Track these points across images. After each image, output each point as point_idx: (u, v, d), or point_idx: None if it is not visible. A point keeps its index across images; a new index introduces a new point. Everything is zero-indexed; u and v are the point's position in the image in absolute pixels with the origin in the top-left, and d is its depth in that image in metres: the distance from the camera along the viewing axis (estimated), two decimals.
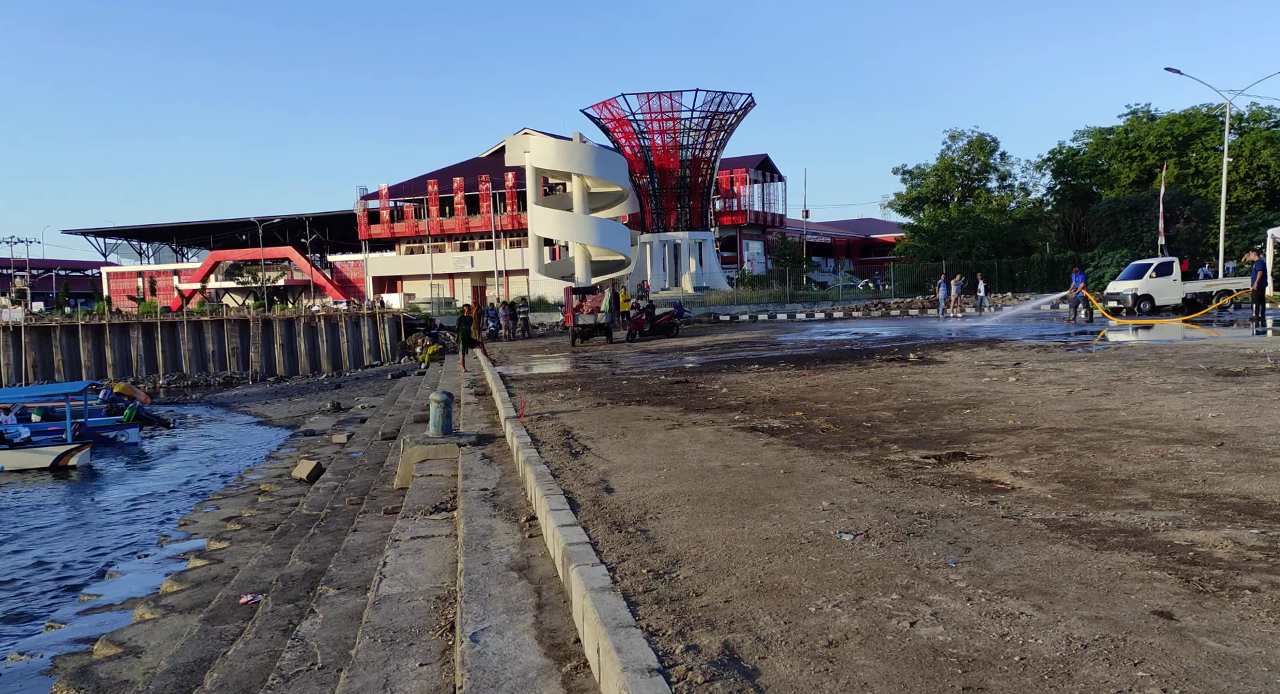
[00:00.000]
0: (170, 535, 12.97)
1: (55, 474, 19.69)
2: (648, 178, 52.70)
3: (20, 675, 6.76)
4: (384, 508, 9.23)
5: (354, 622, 5.68)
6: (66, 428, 21.49)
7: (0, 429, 21.32)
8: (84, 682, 6.01)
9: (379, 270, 66.75)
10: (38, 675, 6.76)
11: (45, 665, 6.94)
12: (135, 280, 72.35)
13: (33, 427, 22.48)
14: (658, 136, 51.50)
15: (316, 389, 36.41)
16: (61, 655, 7.08)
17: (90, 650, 7.06)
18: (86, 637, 7.63)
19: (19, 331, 41.70)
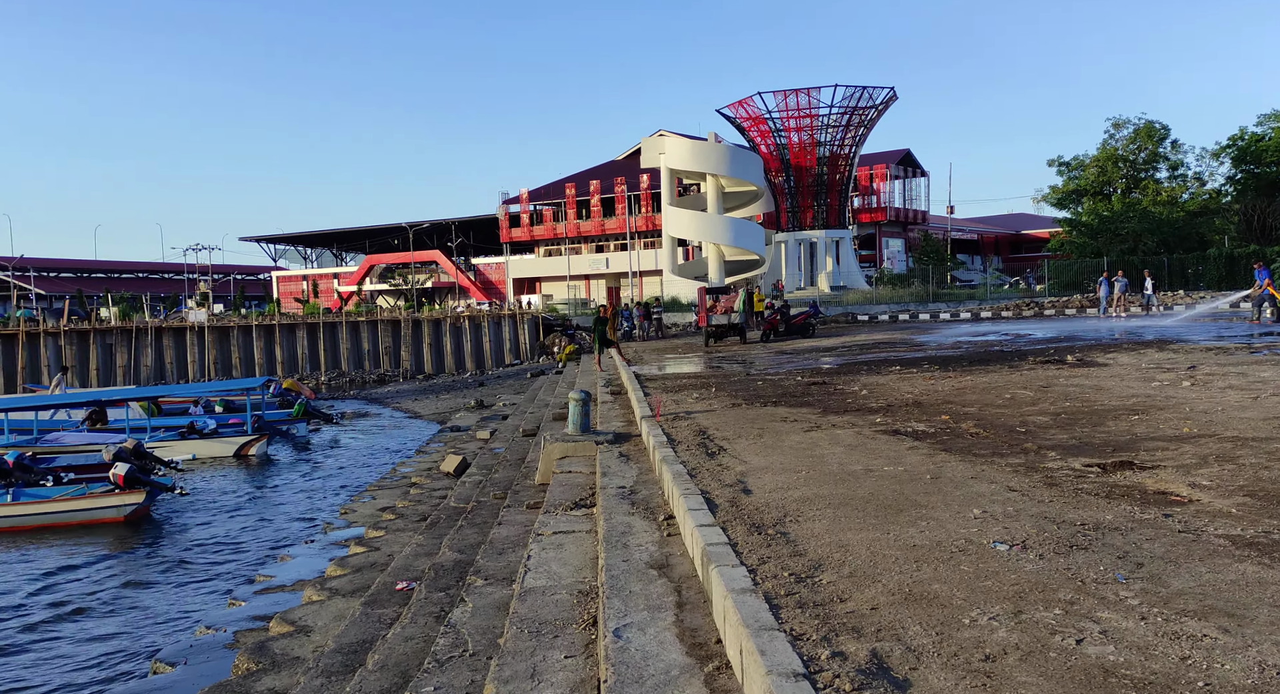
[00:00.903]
0: (333, 523, 13.86)
1: (237, 462, 21.44)
2: (783, 176, 52.02)
3: (208, 648, 7.41)
4: (526, 503, 9.52)
5: (501, 612, 5.89)
6: (247, 420, 23.35)
7: (192, 420, 23.43)
8: (261, 656, 6.50)
9: (519, 272, 68.99)
10: (222, 648, 7.38)
11: (228, 640, 7.57)
12: (300, 283, 77.81)
13: (218, 418, 24.54)
14: (794, 134, 50.75)
15: (461, 387, 38.00)
16: (242, 631, 7.71)
17: (266, 627, 7.63)
18: (262, 615, 8.26)
19: (203, 332, 45.66)
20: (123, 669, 8.39)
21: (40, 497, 14.91)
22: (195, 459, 20.76)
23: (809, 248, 52.82)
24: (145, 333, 45.06)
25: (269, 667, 6.36)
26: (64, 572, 11.99)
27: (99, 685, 8.09)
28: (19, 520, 14.30)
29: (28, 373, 42.63)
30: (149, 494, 15.07)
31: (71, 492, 15.17)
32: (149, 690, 6.61)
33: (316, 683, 5.54)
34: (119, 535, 13.96)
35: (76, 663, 8.65)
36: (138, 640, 9.23)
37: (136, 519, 14.75)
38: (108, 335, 44.73)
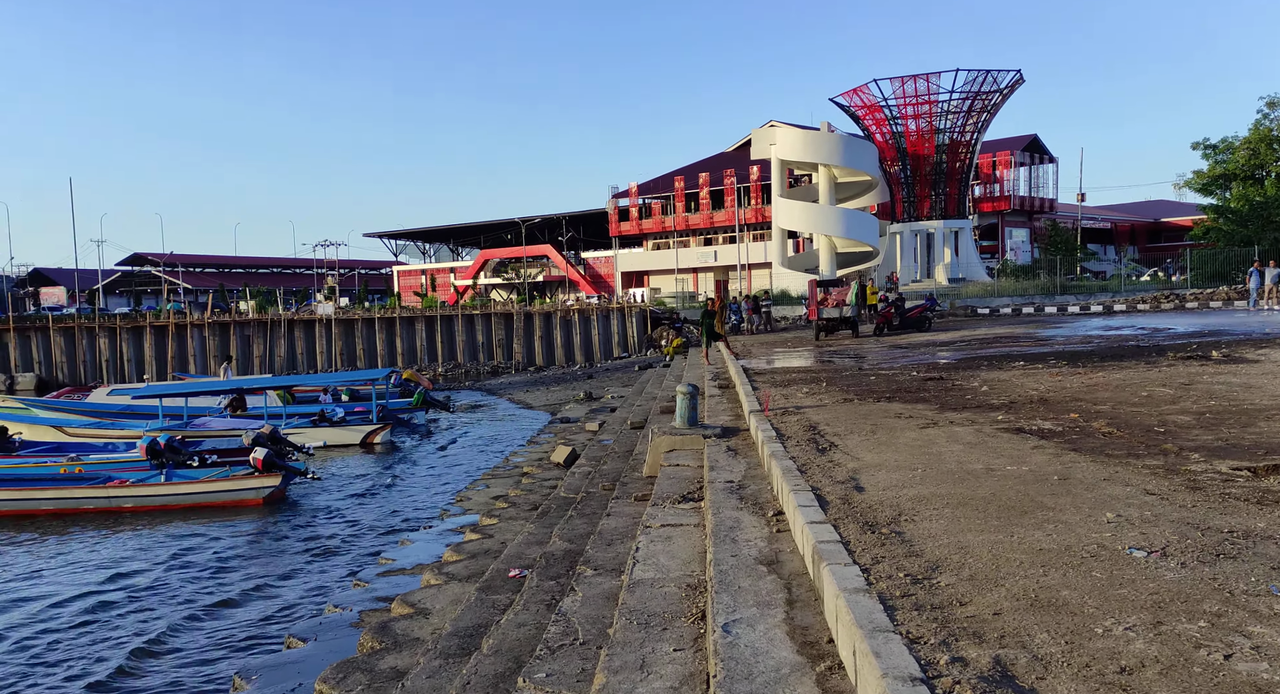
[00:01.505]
0: (449, 510, 14.35)
1: (363, 450, 22.50)
2: (899, 165, 50.51)
3: (335, 626, 7.82)
4: (634, 495, 9.58)
5: (610, 602, 5.94)
6: (372, 409, 24.46)
7: (323, 408, 24.73)
8: (384, 636, 6.79)
9: (627, 266, 69.58)
10: (348, 627, 7.77)
11: (354, 618, 7.96)
12: (419, 277, 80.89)
13: (345, 407, 25.80)
14: (912, 121, 49.18)
15: (570, 379, 38.66)
16: (366, 611, 8.09)
17: (388, 608, 7.97)
18: (385, 596, 8.65)
19: (330, 324, 48.10)
20: (260, 641, 8.93)
21: (189, 477, 16.03)
22: (325, 446, 21.88)
23: (925, 239, 51.12)
24: (279, 325, 47.80)
25: (391, 646, 6.63)
26: (209, 548, 12.86)
27: (240, 655, 8.65)
28: (170, 499, 15.42)
29: (177, 361, 45.94)
30: (284, 477, 15.98)
31: (216, 473, 16.25)
32: (283, 663, 7.03)
33: (435, 664, 5.74)
34: (257, 516, 14.87)
35: (219, 634, 9.27)
36: (273, 615, 9.81)
37: (273, 501, 15.67)
38: (245, 327, 47.69)
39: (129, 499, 15.32)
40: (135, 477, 16.03)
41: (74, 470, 16.46)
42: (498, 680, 5.08)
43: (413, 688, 5.40)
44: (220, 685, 7.96)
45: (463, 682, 5.05)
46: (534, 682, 4.51)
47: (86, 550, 12.85)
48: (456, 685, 5.03)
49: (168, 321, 47.07)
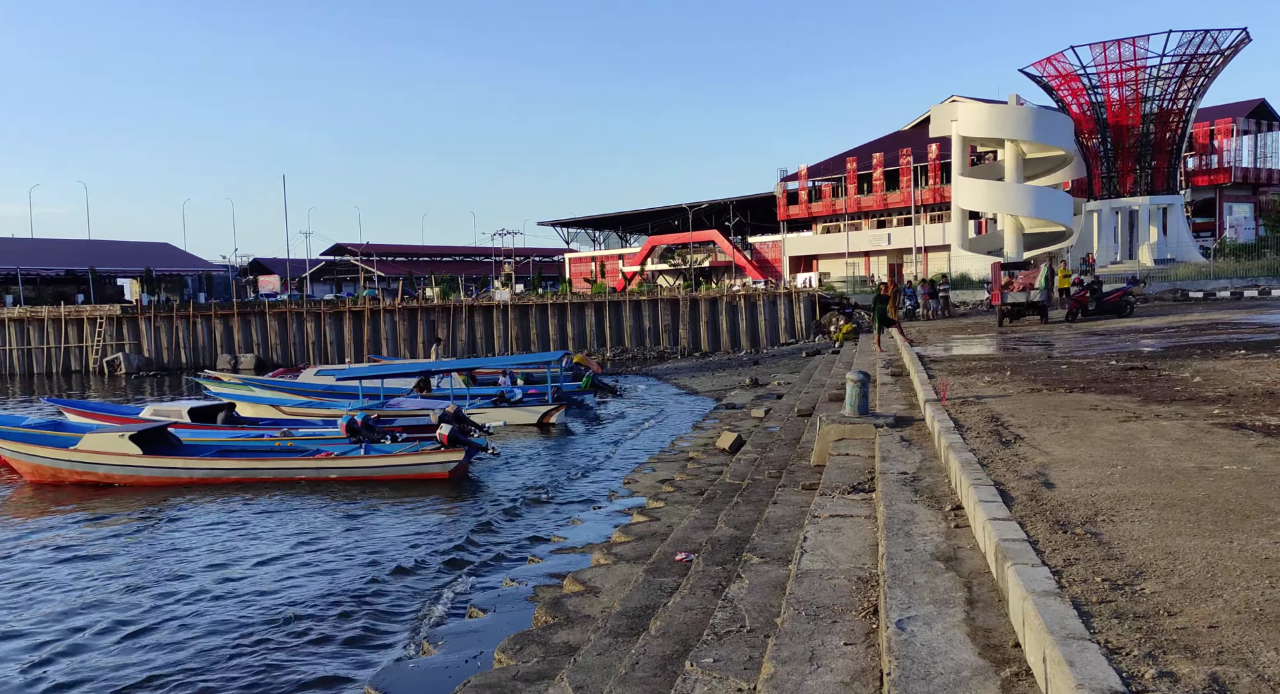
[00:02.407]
0: (617, 491, 14.70)
1: (539, 429, 23.47)
2: (1098, 137, 46.55)
3: (512, 598, 8.22)
4: (801, 483, 9.41)
5: (776, 591, 5.87)
6: (547, 391, 25.48)
7: (502, 390, 26.03)
8: (557, 611, 7.06)
9: (795, 250, 68.35)
10: (523, 600, 8.13)
11: (529, 593, 8.32)
12: (589, 264, 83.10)
13: (522, 388, 27.02)
14: (1114, 90, 45.12)
15: (736, 365, 38.52)
16: (540, 586, 8.43)
17: (560, 586, 8.28)
18: (557, 573, 8.98)
19: (506, 310, 50.40)
20: (444, 609, 9.54)
21: (384, 452, 17.32)
22: (505, 425, 22.97)
23: (1128, 216, 46.94)
24: (460, 310, 50.56)
25: (563, 622, 6.87)
26: (401, 518, 13.84)
27: (427, 621, 9.26)
28: (369, 471, 16.73)
29: (371, 344, 49.64)
30: (467, 453, 16.95)
31: (408, 449, 17.45)
32: (466, 631, 7.45)
33: (605, 642, 5.89)
34: (443, 489, 15.84)
35: (406, 598, 9.95)
36: (456, 584, 10.44)
37: (457, 475, 16.65)
38: (431, 312, 50.77)
39: (334, 470, 16.74)
40: (339, 450, 17.49)
41: (287, 443, 18.18)
42: (665, 663, 5.14)
43: (584, 663, 5.57)
44: (406, 649, 8.55)
45: (631, 661, 5.15)
46: (701, 666, 4.53)
47: (297, 514, 14.17)
48: (626, 664, 5.14)
49: (364, 307, 50.91)
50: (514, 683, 5.66)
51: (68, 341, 49.22)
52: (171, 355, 49.60)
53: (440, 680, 6.39)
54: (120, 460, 16.69)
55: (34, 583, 10.96)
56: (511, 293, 55.54)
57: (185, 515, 14.60)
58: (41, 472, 17.15)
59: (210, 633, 8.97)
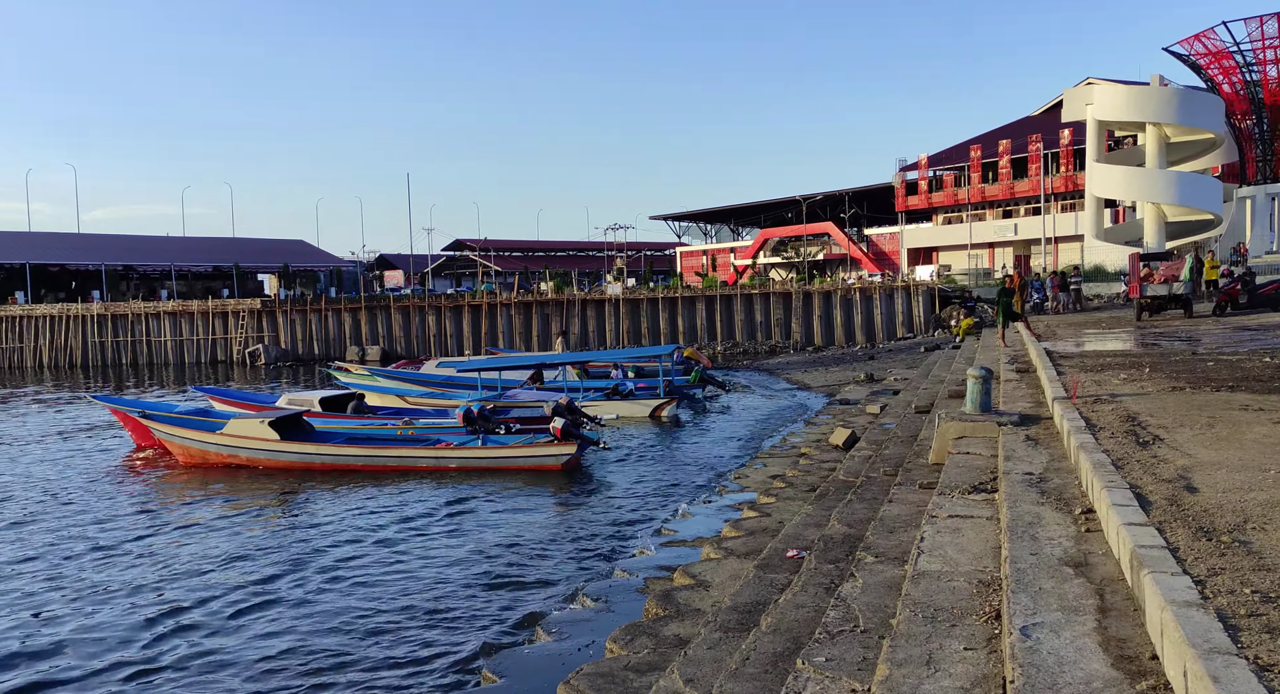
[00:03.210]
0: (727, 486, 14.66)
1: (651, 422, 23.66)
2: (1253, 119, 43.10)
3: (623, 589, 8.34)
4: (919, 482, 9.14)
5: (891, 591, 5.73)
6: (659, 384, 25.65)
7: (615, 383, 26.37)
8: (667, 603, 7.11)
9: (914, 242, 66.24)
10: (634, 592, 8.24)
11: (639, 584, 8.42)
12: (700, 258, 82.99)
13: (634, 382, 27.29)
14: (1272, 67, 41.67)
15: (850, 360, 37.69)
16: (651, 578, 8.51)
17: (670, 578, 8.34)
18: (667, 565, 9.04)
19: (618, 303, 50.96)
20: (557, 597, 9.77)
21: (501, 443, 17.83)
22: (618, 418, 23.28)
23: None
24: (573, 304, 51.44)
25: (674, 615, 6.92)
26: (516, 507, 14.23)
27: (539, 605, 9.51)
28: (486, 462, 17.26)
29: (488, 337, 51.17)
30: (580, 446, 17.23)
31: (523, 440, 17.91)
32: (578, 619, 7.61)
33: (715, 636, 5.90)
34: (556, 481, 16.19)
35: (522, 585, 10.23)
36: (567, 573, 10.66)
37: (570, 467, 16.97)
38: (545, 306, 51.88)
39: (453, 460, 17.36)
40: (458, 440, 18.11)
41: (408, 433, 18.97)
42: (776, 659, 5.10)
43: (694, 656, 5.60)
44: (521, 634, 8.79)
45: (742, 656, 5.14)
46: (813, 665, 4.47)
47: (416, 501, 14.78)
48: (736, 659, 5.13)
49: (482, 301, 52.52)
50: (625, 673, 5.74)
51: (214, 333, 52.86)
52: (305, 347, 52.54)
53: (554, 667, 6.55)
54: (260, 445, 17.82)
55: (187, 554, 11.86)
56: (623, 287, 56.13)
57: (316, 498, 15.47)
58: (192, 454, 18.51)
59: (335, 612, 9.46)
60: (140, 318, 52.82)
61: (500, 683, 6.45)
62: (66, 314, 52.76)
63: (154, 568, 11.35)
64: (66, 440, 22.88)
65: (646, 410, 24.39)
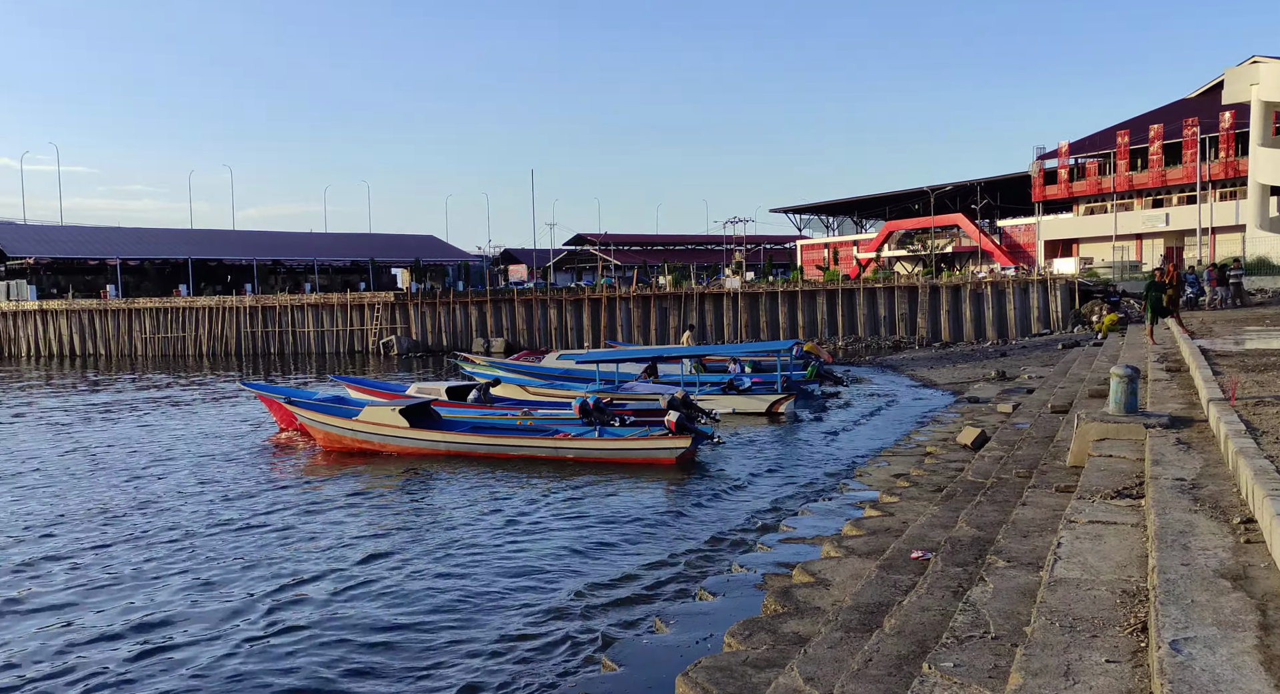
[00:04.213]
0: (848, 484, 14.34)
1: (768, 418, 23.43)
2: None
3: (740, 584, 8.30)
4: (1055, 485, 8.71)
5: (1025, 598, 5.49)
6: (776, 380, 25.35)
7: (731, 378, 26.23)
8: (786, 600, 7.04)
9: (1051, 233, 62.84)
10: (751, 587, 8.19)
11: (757, 580, 8.36)
12: (821, 251, 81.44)
13: (751, 377, 27.07)
14: None
15: (980, 356, 36.17)
16: (769, 574, 8.44)
17: (789, 575, 8.24)
18: (785, 562, 8.93)
19: (736, 297, 50.66)
20: (673, 589, 9.83)
21: (616, 435, 18.07)
22: (734, 412, 23.15)
23: None
24: (691, 298, 51.49)
25: (792, 611, 6.84)
26: (633, 499, 14.39)
27: (655, 597, 9.60)
28: (602, 453, 17.53)
29: (607, 331, 51.88)
30: (694, 440, 17.25)
31: (638, 433, 18.09)
32: (696, 612, 7.63)
33: (836, 635, 5.80)
34: (670, 474, 16.27)
35: (637, 578, 10.35)
36: (683, 566, 10.71)
37: (684, 461, 17.01)
38: (663, 300, 52.15)
39: (570, 450, 17.71)
40: (576, 431, 18.47)
41: (527, 423, 19.48)
42: (900, 662, 4.97)
43: (814, 655, 5.52)
44: (639, 625, 8.89)
45: (865, 657, 5.03)
46: (941, 669, 4.33)
47: (535, 489, 15.16)
48: (858, 660, 5.03)
49: (601, 295, 53.28)
50: (743, 668, 5.72)
51: (351, 325, 55.81)
52: (434, 338, 54.76)
53: (672, 659, 6.58)
54: (391, 432, 18.70)
55: (317, 530, 12.61)
56: (742, 280, 55.71)
57: (441, 483, 16.12)
58: (331, 438, 19.62)
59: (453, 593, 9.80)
60: (286, 310, 56.34)
61: (619, 671, 6.54)
62: (222, 306, 56.86)
63: (286, 542, 12.13)
64: (221, 423, 24.69)
65: (763, 406, 24.15)
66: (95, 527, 13.16)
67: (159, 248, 74.14)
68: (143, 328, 56.94)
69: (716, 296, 51.38)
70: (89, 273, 70.80)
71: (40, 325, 59.03)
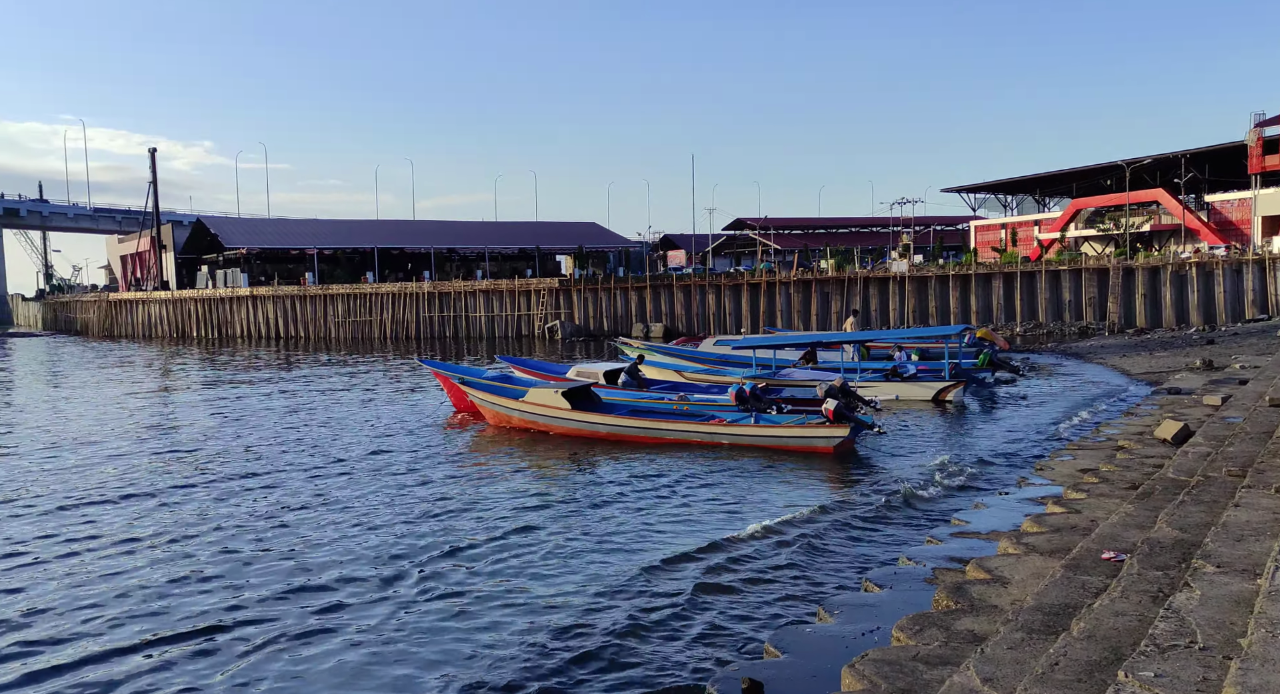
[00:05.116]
0: (1027, 478, 13.45)
1: (934, 407, 22.40)
2: None
3: (909, 578, 7.96)
4: (1275, 485, 7.81)
5: (1238, 607, 4.94)
6: (944, 367, 24.16)
7: (895, 364, 25.22)
8: (959, 596, 6.68)
9: (1271, 208, 56.33)
10: (921, 581, 7.83)
11: (927, 574, 7.98)
12: (998, 232, 76.73)
13: (916, 363, 25.95)
14: None
15: (1182, 343, 33.03)
16: (940, 569, 8.04)
17: (962, 570, 7.82)
18: (957, 557, 8.48)
19: (903, 281, 48.70)
20: (837, 580, 9.59)
21: (772, 422, 17.80)
22: (897, 399, 22.31)
23: None
24: (854, 283, 50.01)
25: (966, 609, 6.48)
26: (790, 489, 14.15)
27: (819, 586, 9.40)
28: (756, 440, 17.32)
29: (766, 316, 51.29)
30: (853, 429, 16.70)
31: (794, 420, 17.74)
32: (861, 603, 7.38)
33: (1016, 636, 5.43)
34: (828, 464, 15.84)
35: (801, 565, 10.17)
36: (846, 557, 10.42)
37: (843, 451, 16.51)
38: (825, 284, 50.95)
39: (725, 436, 17.60)
40: (731, 417, 18.34)
41: (683, 407, 19.53)
42: (1091, 669, 4.59)
43: (992, 655, 5.20)
44: (803, 613, 8.73)
45: (1050, 661, 4.68)
46: (1140, 679, 3.95)
47: (692, 475, 15.18)
48: (1043, 663, 4.68)
49: (761, 280, 52.70)
50: (914, 663, 5.46)
51: (519, 310, 58.11)
52: (596, 322, 56.09)
53: (836, 649, 6.40)
54: (554, 413, 19.29)
55: (481, 499, 13.20)
56: (909, 264, 53.47)
57: (601, 464, 16.47)
58: (499, 417, 20.50)
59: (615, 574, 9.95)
60: (460, 295, 59.40)
61: (782, 658, 6.42)
62: (404, 292, 60.67)
63: (452, 511, 12.81)
64: (401, 402, 26.37)
65: (929, 394, 23.08)
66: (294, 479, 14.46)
67: (350, 238, 79.99)
68: (335, 312, 61.71)
69: (882, 280, 49.64)
70: (291, 261, 77.42)
71: (251, 310, 65.23)
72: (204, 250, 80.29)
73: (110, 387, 32.59)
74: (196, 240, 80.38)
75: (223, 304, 66.80)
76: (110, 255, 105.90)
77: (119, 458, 17.76)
